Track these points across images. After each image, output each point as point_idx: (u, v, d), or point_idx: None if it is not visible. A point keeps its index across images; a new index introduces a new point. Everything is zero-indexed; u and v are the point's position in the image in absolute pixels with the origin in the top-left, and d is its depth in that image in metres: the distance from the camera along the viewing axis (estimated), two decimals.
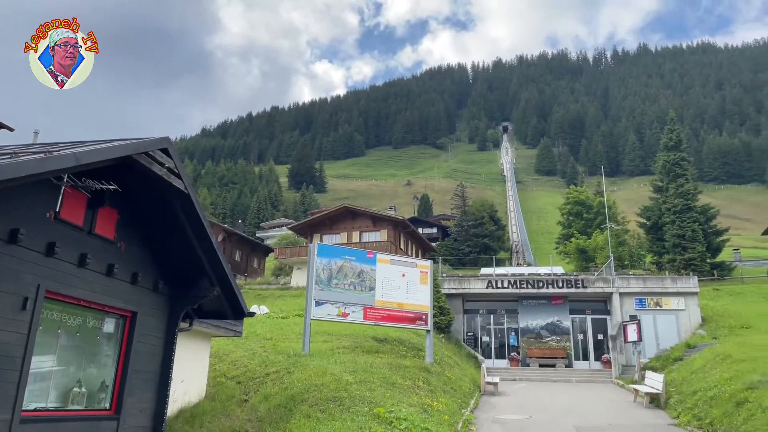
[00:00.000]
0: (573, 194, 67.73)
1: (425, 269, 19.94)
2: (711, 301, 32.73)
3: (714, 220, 48.08)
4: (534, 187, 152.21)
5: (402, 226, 46.57)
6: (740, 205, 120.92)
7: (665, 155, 49.34)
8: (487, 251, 68.92)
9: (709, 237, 45.90)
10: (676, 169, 47.66)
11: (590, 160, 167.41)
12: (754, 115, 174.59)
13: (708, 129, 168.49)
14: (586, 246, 50.65)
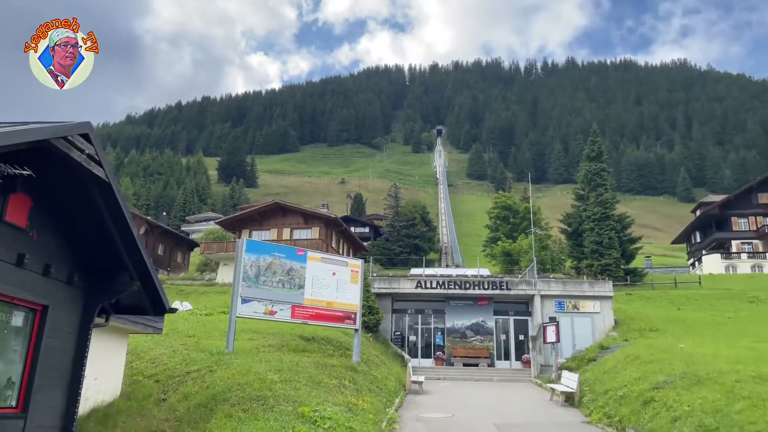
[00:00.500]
0: (501, 199, 69.86)
1: (356, 268, 19.98)
2: (624, 305, 34.56)
3: (629, 228, 50.83)
4: (465, 191, 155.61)
5: (334, 224, 46.43)
6: (653, 215, 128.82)
7: (587, 165, 51.71)
8: (417, 252, 69.90)
9: (624, 244, 48.49)
10: (596, 179, 50.05)
11: (518, 167, 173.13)
12: (668, 131, 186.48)
13: (627, 142, 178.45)
14: (511, 249, 52.38)
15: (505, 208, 67.16)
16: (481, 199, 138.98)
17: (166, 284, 40.22)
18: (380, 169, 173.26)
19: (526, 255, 48.29)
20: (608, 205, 48.50)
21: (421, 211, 79.94)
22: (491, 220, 70.28)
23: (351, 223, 74.17)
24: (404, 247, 70.95)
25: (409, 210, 77.92)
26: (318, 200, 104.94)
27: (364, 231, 79.35)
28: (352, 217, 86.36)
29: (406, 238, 72.22)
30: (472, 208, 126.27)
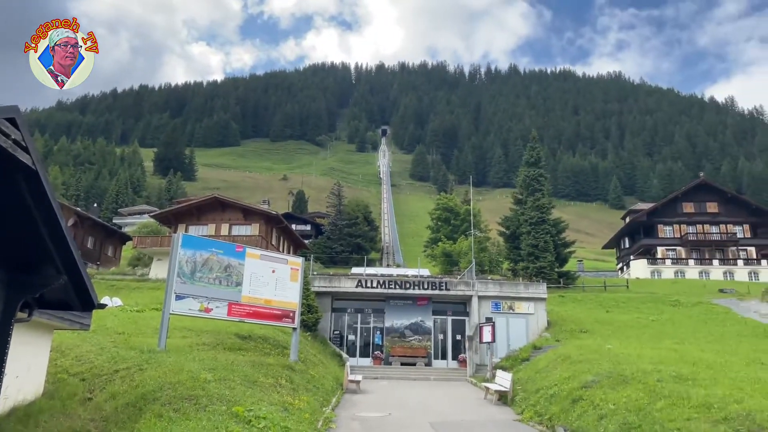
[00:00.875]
0: (443, 201, 70.92)
1: (296, 266, 19.78)
2: (557, 306, 35.78)
3: (563, 233, 52.64)
4: (408, 191, 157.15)
5: (275, 221, 45.83)
6: (586, 220, 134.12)
7: (526, 170, 53.22)
8: (359, 251, 69.99)
9: (558, 248, 50.17)
10: (534, 184, 51.57)
11: (461, 170, 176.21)
12: (602, 141, 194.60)
13: (564, 150, 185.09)
14: (451, 250, 53.27)
15: (447, 210, 68.24)
16: (423, 200, 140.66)
17: (96, 279, 38.56)
18: (324, 167, 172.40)
19: (465, 256, 49.22)
20: (545, 210, 50.07)
21: (364, 211, 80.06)
22: (433, 221, 71.22)
23: (292, 220, 73.41)
24: (346, 246, 70.86)
25: (352, 209, 77.92)
26: (259, 196, 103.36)
27: (305, 229, 78.70)
28: (294, 215, 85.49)
29: (348, 237, 72.16)
30: (415, 209, 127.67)
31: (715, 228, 64.81)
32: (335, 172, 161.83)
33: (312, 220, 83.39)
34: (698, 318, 33.21)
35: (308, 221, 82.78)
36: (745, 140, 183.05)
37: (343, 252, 69.07)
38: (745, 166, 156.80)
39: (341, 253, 68.66)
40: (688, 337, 26.68)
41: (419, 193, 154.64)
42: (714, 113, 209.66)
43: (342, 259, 66.01)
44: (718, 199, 65.87)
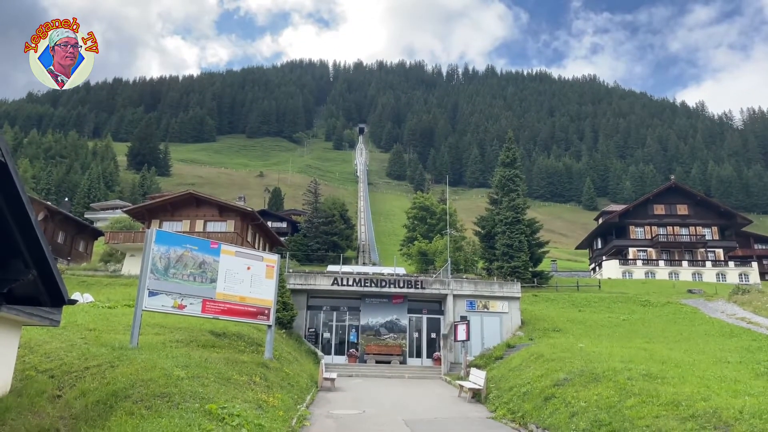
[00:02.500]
0: (419, 200, 71.28)
1: (272, 263, 19.65)
2: (530, 305, 36.21)
3: (538, 233, 53.29)
4: (385, 190, 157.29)
5: (251, 217, 45.50)
6: (560, 221, 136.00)
7: (502, 171, 53.71)
8: (335, 249, 69.89)
9: (532, 248, 50.79)
10: (509, 185, 52.07)
11: (437, 169, 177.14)
12: (576, 143, 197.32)
13: (539, 151, 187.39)
14: (427, 249, 53.54)
15: (423, 209, 68.61)
16: (400, 198, 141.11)
17: (66, 275, 37.78)
18: (300, 164, 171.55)
19: (441, 255, 49.48)
20: (519, 210, 50.59)
21: (341, 209, 79.99)
22: (409, 220, 71.50)
23: (268, 217, 72.97)
24: (322, 243, 70.73)
25: (328, 207, 77.76)
26: (234, 193, 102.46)
27: (281, 226, 78.38)
28: (270, 212, 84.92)
29: (324, 234, 72.03)
30: (391, 208, 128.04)
31: (684, 230, 66.27)
32: (312, 170, 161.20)
33: (288, 218, 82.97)
34: (668, 318, 33.91)
35: (284, 218, 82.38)
36: (714, 144, 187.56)
37: (319, 250, 68.91)
38: (714, 169, 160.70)
39: (317, 250, 68.50)
40: (658, 337, 27.24)
41: (396, 192, 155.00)
42: (685, 117, 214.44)
43: (318, 257, 65.83)
44: (688, 201, 67.35)
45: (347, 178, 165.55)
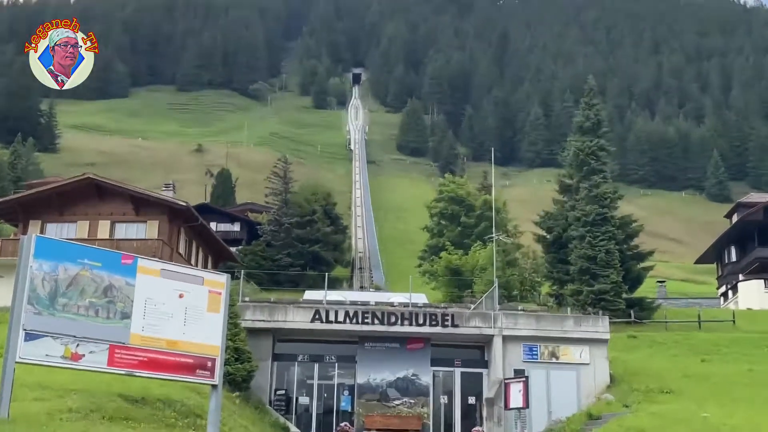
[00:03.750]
0: (449, 187, 71.38)
1: (218, 288, 19.62)
2: (624, 352, 35.98)
3: (636, 238, 52.94)
4: (394, 172, 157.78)
5: (184, 217, 45.57)
6: (670, 219, 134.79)
7: (579, 140, 53.38)
8: (317, 264, 70.20)
9: (628, 262, 50.43)
10: (591, 162, 51.72)
11: (476, 139, 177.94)
12: (696, 95, 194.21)
13: (637, 109, 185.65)
14: (461, 265, 53.60)
15: (455, 202, 68.78)
16: (418, 185, 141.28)
17: None
18: (261, 132, 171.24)
19: (483, 274, 49.46)
20: (607, 203, 50.30)
21: (325, 201, 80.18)
22: (433, 218, 71.70)
23: (212, 215, 73.22)
24: (296, 256, 71.04)
25: (306, 199, 78.03)
26: (159, 177, 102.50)
27: (232, 229, 78.82)
28: (215, 207, 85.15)
29: (300, 242, 72.33)
30: (404, 200, 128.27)
31: None
32: (280, 141, 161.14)
33: (243, 216, 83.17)
34: None
35: (237, 217, 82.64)
36: None
37: (292, 266, 69.10)
38: None
39: (288, 267, 68.63)
40: None
41: (411, 175, 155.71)
42: None
43: (290, 278, 65.95)
44: None
45: (335, 153, 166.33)
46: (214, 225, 66.99)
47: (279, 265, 68.98)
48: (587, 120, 53.81)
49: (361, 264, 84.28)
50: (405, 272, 66.22)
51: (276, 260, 69.84)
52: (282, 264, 69.27)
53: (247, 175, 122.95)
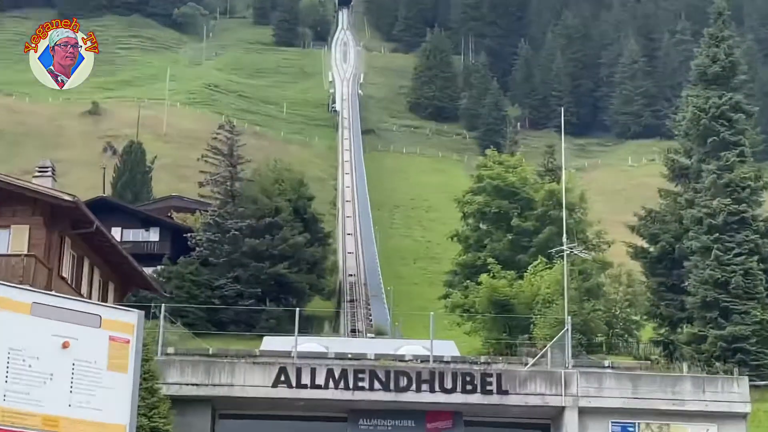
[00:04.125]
0: (493, 170, 71.06)
1: (125, 333, 19.61)
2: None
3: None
4: (406, 147, 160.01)
5: (70, 219, 45.56)
6: None
7: (700, 95, 53.29)
8: (283, 295, 70.63)
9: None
10: (720, 130, 51.54)
11: (536, 94, 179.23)
12: None
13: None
14: (512, 295, 53.52)
15: (502, 193, 68.63)
16: (443, 167, 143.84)
17: None
18: (192, 84, 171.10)
19: (548, 310, 49.48)
20: (746, 194, 50.15)
21: (295, 194, 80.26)
22: (468, 220, 71.89)
23: (115, 216, 73.04)
24: (249, 282, 71.19)
25: (265, 190, 78.14)
26: (32, 156, 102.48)
27: (148, 238, 79.06)
28: (119, 203, 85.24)
29: (255, 259, 72.48)
30: (422, 191, 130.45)
31: None
32: (222, 98, 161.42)
33: (164, 219, 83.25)
34: None
35: (155, 220, 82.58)
36: None
37: (242, 297, 69.22)
38: None
39: (237, 299, 68.78)
40: None
41: (433, 151, 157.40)
42: None
43: (240, 316, 65.99)
44: None
45: (311, 117, 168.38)
46: (118, 232, 66.71)
47: (222, 295, 69.18)
48: (714, 63, 53.63)
49: (353, 294, 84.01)
50: (423, 306, 66.18)
51: (217, 288, 70.02)
52: (227, 294, 69.45)
53: (171, 153, 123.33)
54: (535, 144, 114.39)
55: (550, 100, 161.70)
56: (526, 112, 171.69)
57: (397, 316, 75.07)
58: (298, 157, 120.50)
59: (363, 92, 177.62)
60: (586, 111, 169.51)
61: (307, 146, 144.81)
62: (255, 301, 68.64)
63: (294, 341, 37.95)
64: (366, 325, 73.26)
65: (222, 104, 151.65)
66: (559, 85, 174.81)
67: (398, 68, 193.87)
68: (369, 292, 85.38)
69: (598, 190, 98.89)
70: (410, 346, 40.91)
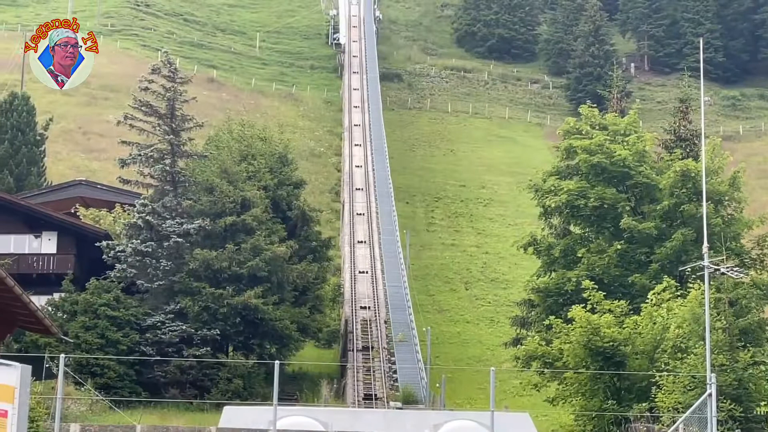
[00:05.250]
0: (594, 138, 71.00)
1: (0, 401, 19.85)
2: None
3: None
4: (450, 100, 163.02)
5: None
6: None
7: None
8: (255, 339, 70.39)
9: None
10: None
11: (659, 20, 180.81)
12: None
13: None
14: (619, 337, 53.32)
15: (602, 175, 68.41)
16: (509, 133, 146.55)
17: None
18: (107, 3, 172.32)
19: (680, 362, 49.38)
20: None
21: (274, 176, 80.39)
22: (548, 218, 71.52)
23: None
24: (201, 320, 71.11)
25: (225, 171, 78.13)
26: None
27: (39, 249, 79.10)
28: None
29: (209, 281, 72.45)
30: (476, 166, 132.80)
31: None
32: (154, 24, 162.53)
33: (65, 220, 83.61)
34: None
35: (48, 220, 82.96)
36: None
37: (189, 343, 69.39)
38: None
39: (181, 345, 69.01)
40: None
41: (489, 109, 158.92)
42: None
43: (186, 375, 66.22)
44: None
45: (299, 53, 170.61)
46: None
47: (158, 340, 69.35)
48: None
49: (368, 338, 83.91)
50: (479, 357, 66.17)
51: (150, 329, 70.14)
52: (165, 338, 69.58)
53: (75, 112, 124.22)
54: (660, 97, 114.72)
55: (682, 28, 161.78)
56: (644, 46, 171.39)
57: (437, 373, 75.13)
58: (279, 119, 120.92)
59: (383, 15, 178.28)
60: (740, 46, 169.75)
61: (294, 101, 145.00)
62: (210, 350, 68.62)
63: (272, 413, 38.19)
64: (388, 387, 72.79)
65: (156, 34, 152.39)
66: (699, 4, 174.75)
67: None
68: (393, 335, 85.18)
69: (761, 172, 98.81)
70: (460, 422, 40.96)
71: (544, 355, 58.63)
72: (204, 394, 59.13)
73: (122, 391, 62.33)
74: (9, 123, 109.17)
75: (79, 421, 40.85)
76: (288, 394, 53.21)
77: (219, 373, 64.81)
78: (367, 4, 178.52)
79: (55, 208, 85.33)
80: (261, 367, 59.86)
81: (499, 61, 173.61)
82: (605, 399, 52.28)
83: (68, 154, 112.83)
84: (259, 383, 55.08)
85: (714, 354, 42.30)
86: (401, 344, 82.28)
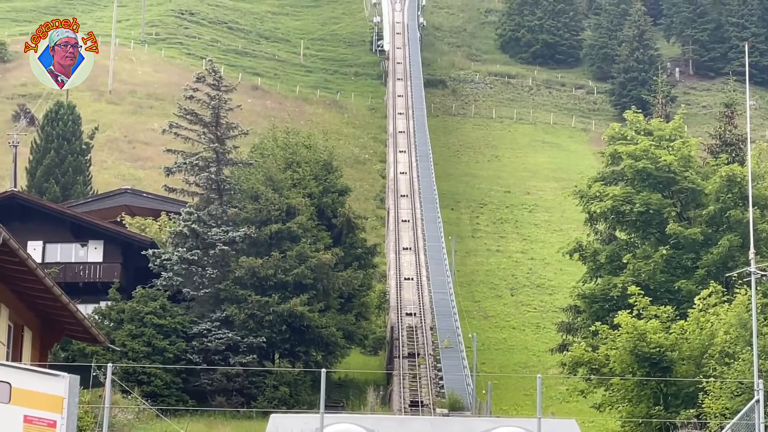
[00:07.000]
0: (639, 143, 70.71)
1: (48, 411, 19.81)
2: None
3: None
4: (494, 106, 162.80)
5: None
6: None
7: None
8: (301, 347, 70.29)
9: None
10: None
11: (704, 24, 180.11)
12: None
13: None
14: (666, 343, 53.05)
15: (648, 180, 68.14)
16: (554, 138, 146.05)
17: None
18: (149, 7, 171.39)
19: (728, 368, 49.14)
20: None
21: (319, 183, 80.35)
22: (594, 224, 71.19)
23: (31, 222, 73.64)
24: (247, 327, 70.96)
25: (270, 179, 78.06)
26: None
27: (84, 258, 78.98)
28: (37, 201, 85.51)
29: (254, 289, 72.34)
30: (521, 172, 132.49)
31: None
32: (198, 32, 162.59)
33: (111, 229, 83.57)
34: None
35: (94, 229, 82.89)
36: None
37: (236, 351, 69.36)
38: None
39: (228, 353, 68.99)
40: None
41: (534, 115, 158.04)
42: None
43: (232, 383, 66.13)
44: None
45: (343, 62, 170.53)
46: (38, 247, 67.06)
47: (204, 348, 69.36)
48: None
49: (413, 345, 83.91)
50: (525, 364, 65.97)
51: (196, 337, 70.18)
52: (211, 346, 69.58)
53: (120, 121, 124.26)
54: (704, 102, 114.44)
55: (727, 32, 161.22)
56: (688, 50, 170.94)
57: (484, 379, 74.98)
58: (324, 127, 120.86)
59: (427, 22, 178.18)
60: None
61: (338, 108, 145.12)
62: (256, 358, 68.66)
63: (319, 421, 38.22)
64: (434, 394, 72.85)
65: (201, 43, 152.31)
66: (744, 8, 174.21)
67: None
68: (438, 341, 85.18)
69: None
70: (506, 428, 40.84)
71: (591, 361, 58.68)
72: (250, 402, 59.11)
73: (169, 399, 62.34)
74: (55, 132, 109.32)
75: (127, 429, 40.92)
76: (334, 401, 53.20)
77: (265, 381, 64.92)
78: (410, 11, 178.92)
79: (101, 217, 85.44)
80: (307, 374, 59.93)
81: (543, 66, 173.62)
82: (652, 405, 52.34)
83: (114, 163, 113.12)
84: (306, 390, 55.11)
85: (761, 359, 42.17)
86: (447, 351, 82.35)
